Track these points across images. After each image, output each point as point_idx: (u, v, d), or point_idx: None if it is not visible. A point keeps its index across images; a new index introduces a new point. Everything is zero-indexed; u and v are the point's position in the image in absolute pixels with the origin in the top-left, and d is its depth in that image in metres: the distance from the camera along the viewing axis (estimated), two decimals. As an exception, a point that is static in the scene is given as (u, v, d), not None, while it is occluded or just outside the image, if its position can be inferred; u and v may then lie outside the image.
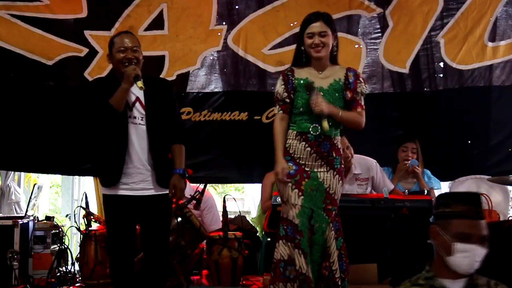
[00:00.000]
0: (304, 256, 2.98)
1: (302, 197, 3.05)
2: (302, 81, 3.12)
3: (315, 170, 3.09)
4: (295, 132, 3.13)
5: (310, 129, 3.08)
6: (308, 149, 3.09)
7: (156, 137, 3.16)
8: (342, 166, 3.16)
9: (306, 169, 3.09)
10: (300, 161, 3.10)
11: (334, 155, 3.11)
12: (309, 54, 3.14)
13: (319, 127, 3.06)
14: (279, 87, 3.17)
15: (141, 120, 3.14)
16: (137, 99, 3.17)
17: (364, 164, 4.21)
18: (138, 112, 3.14)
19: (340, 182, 3.13)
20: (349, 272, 3.13)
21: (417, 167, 4.34)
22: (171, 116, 3.27)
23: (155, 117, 3.16)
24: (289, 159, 3.12)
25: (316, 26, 3.09)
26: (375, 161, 4.22)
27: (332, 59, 3.18)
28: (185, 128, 4.86)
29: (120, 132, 3.11)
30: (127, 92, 3.07)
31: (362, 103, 3.17)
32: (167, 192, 3.18)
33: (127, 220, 3.15)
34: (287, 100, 3.14)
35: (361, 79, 3.20)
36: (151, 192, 3.16)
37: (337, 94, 3.13)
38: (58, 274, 4.29)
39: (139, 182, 3.13)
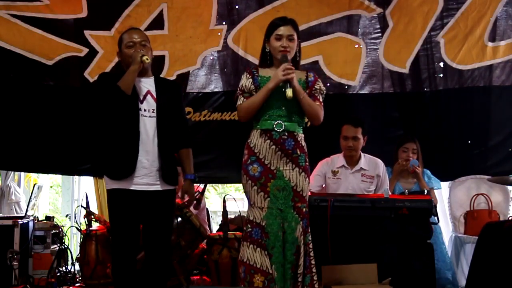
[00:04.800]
0: (269, 257, 3.05)
1: (269, 199, 3.12)
2: (265, 78, 3.18)
3: (281, 168, 3.14)
4: (259, 130, 3.19)
5: (274, 126, 3.14)
6: (273, 147, 3.14)
7: (165, 131, 3.18)
8: (307, 163, 3.20)
9: (272, 168, 3.14)
10: (265, 161, 3.15)
11: (298, 152, 3.16)
12: (274, 55, 3.22)
13: (283, 124, 3.13)
14: (246, 81, 3.23)
15: (152, 112, 3.17)
16: (148, 92, 3.21)
17: (372, 163, 4.24)
18: (149, 105, 3.18)
19: (307, 179, 3.17)
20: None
21: (417, 167, 4.34)
22: (179, 117, 3.32)
23: (165, 110, 3.20)
24: (254, 159, 3.17)
25: (285, 29, 3.18)
26: (383, 163, 4.25)
27: (294, 65, 3.20)
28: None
29: (131, 124, 3.13)
30: (135, 73, 3.10)
31: (321, 100, 3.24)
32: (172, 188, 3.22)
33: (132, 218, 3.15)
34: (254, 93, 3.19)
35: (319, 80, 3.29)
36: (156, 188, 3.17)
37: None
38: (58, 274, 4.30)
39: (142, 176, 3.13)
